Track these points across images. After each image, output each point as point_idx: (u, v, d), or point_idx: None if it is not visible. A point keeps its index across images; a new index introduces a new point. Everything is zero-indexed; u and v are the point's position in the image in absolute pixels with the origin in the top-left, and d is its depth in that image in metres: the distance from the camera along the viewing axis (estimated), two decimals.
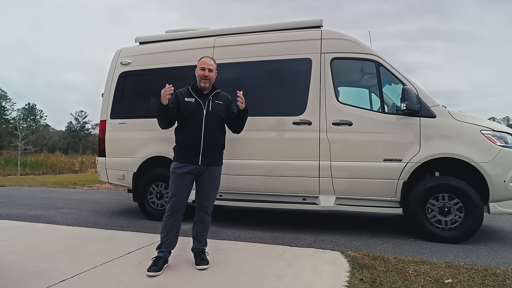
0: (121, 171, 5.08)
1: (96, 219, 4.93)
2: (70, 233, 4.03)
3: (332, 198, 4.27)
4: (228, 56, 4.82)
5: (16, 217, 4.98)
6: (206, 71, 2.94)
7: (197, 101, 2.93)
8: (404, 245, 3.78)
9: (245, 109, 3.05)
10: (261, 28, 4.93)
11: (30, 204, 6.33)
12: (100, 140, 5.25)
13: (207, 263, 2.86)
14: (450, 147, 3.89)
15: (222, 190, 4.65)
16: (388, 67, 4.21)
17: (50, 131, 69.76)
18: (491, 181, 3.75)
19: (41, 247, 3.36)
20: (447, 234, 3.85)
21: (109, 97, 5.29)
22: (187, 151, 2.87)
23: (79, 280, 2.52)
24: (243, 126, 3.22)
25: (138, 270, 2.73)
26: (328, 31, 4.55)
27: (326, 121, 4.28)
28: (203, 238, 3.00)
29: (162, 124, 2.99)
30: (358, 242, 3.89)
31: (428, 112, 4.01)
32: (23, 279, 2.51)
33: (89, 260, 2.94)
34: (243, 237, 3.96)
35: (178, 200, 2.84)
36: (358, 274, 2.74)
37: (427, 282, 2.61)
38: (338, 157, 4.22)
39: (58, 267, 2.78)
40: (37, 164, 19.56)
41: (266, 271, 2.78)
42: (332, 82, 4.35)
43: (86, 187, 9.75)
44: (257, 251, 3.38)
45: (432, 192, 3.92)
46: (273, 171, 4.43)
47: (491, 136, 3.84)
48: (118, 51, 5.49)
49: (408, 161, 3.99)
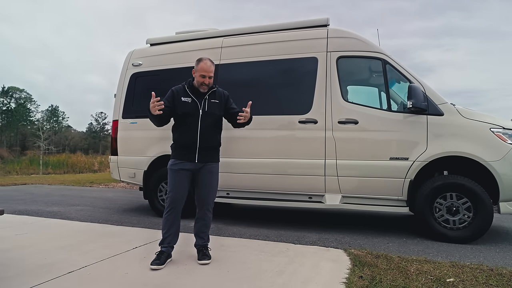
0: (132, 169, 5.23)
1: (108, 216, 5.10)
2: (83, 228, 4.19)
3: (338, 197, 4.26)
4: (236, 56, 4.89)
5: (34, 213, 5.20)
6: (206, 79, 2.92)
7: (194, 101, 2.95)
8: (410, 245, 3.73)
9: (248, 121, 3.01)
10: (268, 28, 4.97)
11: (48, 201, 6.60)
12: (113, 139, 5.43)
13: (209, 258, 2.92)
14: (458, 146, 3.81)
15: (229, 189, 4.76)
16: (395, 65, 4.17)
17: (71, 132, 71.92)
18: (501, 180, 3.66)
19: (54, 241, 3.51)
20: (455, 234, 3.78)
21: (121, 97, 5.46)
22: (184, 149, 2.93)
23: (86, 272, 2.63)
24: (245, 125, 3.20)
25: (143, 264, 2.83)
26: (334, 29, 4.55)
27: (332, 120, 4.28)
28: (205, 234, 3.07)
29: (155, 124, 2.99)
30: (363, 240, 3.87)
31: (436, 110, 3.95)
32: (34, 270, 2.65)
33: (97, 254, 3.06)
34: (249, 235, 4.01)
35: (176, 196, 2.90)
36: (358, 272, 2.74)
37: (428, 281, 2.58)
38: (344, 155, 4.21)
39: (68, 259, 2.90)
40: (59, 163, 20.26)
41: (267, 267, 2.82)
42: (338, 80, 4.35)
43: (102, 186, 10.05)
44: (260, 248, 3.42)
45: (440, 191, 3.86)
46: (279, 169, 4.46)
47: (501, 134, 3.74)
48: (130, 52, 5.65)
49: (414, 160, 3.94)
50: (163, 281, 2.50)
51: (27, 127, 61.07)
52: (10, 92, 67.70)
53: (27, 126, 62.09)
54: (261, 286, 2.44)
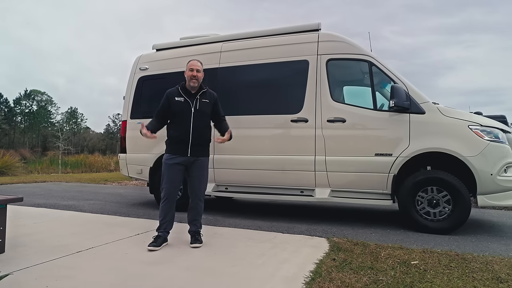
0: (139, 166, 5.65)
1: (117, 209, 5.53)
2: (93, 219, 4.62)
3: (327, 191, 4.54)
4: (234, 60, 5.24)
5: (51, 206, 5.69)
6: (194, 72, 3.33)
7: (186, 100, 3.34)
8: (393, 235, 3.98)
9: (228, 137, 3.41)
10: (264, 33, 5.30)
11: (64, 196, 7.12)
12: (122, 138, 5.87)
13: (200, 243, 3.28)
14: (438, 142, 4.04)
15: (228, 183, 5.11)
16: (380, 67, 4.43)
17: (90, 133, 74.12)
18: (478, 174, 3.87)
19: (67, 228, 3.95)
20: (435, 225, 4.01)
21: (130, 99, 5.90)
22: (177, 144, 3.31)
23: (92, 252, 3.03)
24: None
25: (141, 246, 3.20)
26: (325, 34, 4.83)
27: (322, 119, 4.57)
28: (197, 221, 3.42)
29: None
30: (348, 231, 4.14)
31: (418, 108, 4.18)
32: (49, 249, 3.06)
33: (103, 239, 3.46)
34: (243, 225, 4.34)
35: (170, 188, 3.28)
36: (333, 255, 3.03)
37: (395, 263, 2.85)
38: (333, 152, 4.49)
39: (77, 243, 3.31)
40: (77, 163, 21.14)
41: (251, 251, 3.15)
42: (328, 81, 4.63)
43: (116, 184, 10.58)
44: (250, 236, 3.75)
45: (421, 185, 4.09)
46: (273, 165, 4.77)
47: (479, 131, 3.95)
48: (137, 58, 6.08)
49: (398, 156, 4.19)
50: (157, 258, 2.87)
51: (48, 128, 63.36)
52: (32, 95, 70.46)
53: (48, 128, 64.43)
54: (241, 264, 2.77)
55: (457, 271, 2.66)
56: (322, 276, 2.50)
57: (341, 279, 2.44)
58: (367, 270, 2.67)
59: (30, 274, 2.43)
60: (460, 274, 2.58)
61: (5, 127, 62.86)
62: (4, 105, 66.48)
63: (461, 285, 2.38)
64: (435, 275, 2.56)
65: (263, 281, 2.40)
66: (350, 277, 2.50)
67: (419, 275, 2.56)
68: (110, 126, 77.43)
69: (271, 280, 2.43)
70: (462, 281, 2.46)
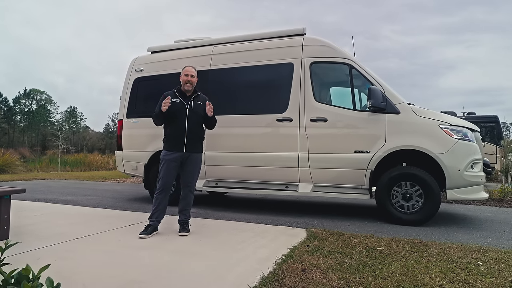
0: (134, 162, 5.94)
1: (113, 203, 5.83)
2: (90, 212, 4.92)
3: (310, 186, 4.84)
4: (224, 62, 5.54)
5: (51, 200, 5.99)
6: (189, 77, 3.70)
7: (181, 101, 3.67)
8: (369, 226, 4.28)
9: (212, 116, 3.80)
10: (253, 37, 5.59)
11: (63, 192, 7.41)
12: (118, 137, 6.16)
13: (188, 231, 3.58)
14: (411, 140, 4.34)
15: (218, 179, 5.41)
16: (360, 70, 4.72)
17: (89, 133, 74.37)
18: (447, 170, 4.18)
19: (65, 219, 4.25)
20: (408, 217, 4.31)
21: (126, 99, 6.19)
22: (174, 141, 3.63)
23: (88, 239, 3.33)
24: (214, 126, 3.93)
25: (134, 235, 3.50)
26: (309, 38, 5.13)
27: (305, 118, 4.87)
28: (187, 211, 3.73)
29: (158, 122, 3.79)
30: (328, 223, 4.44)
31: (393, 109, 4.48)
32: (49, 236, 3.36)
33: (98, 228, 3.76)
34: (230, 218, 4.64)
35: (166, 181, 3.62)
36: (308, 242, 3.33)
37: (362, 249, 3.15)
38: (315, 149, 4.79)
39: (75, 231, 3.61)
40: (76, 162, 21.42)
41: (233, 239, 3.45)
42: (311, 83, 4.93)
43: (113, 181, 10.88)
44: (235, 227, 4.05)
45: (396, 180, 4.40)
46: (260, 162, 5.07)
47: (448, 130, 4.25)
48: (133, 59, 6.37)
49: (375, 153, 4.49)
50: (147, 244, 3.17)
51: (47, 127, 63.60)
52: (32, 94, 70.68)
53: (47, 127, 64.67)
54: (223, 248, 3.07)
55: (415, 255, 2.96)
56: (293, 258, 2.80)
57: (310, 261, 2.74)
58: (336, 254, 2.97)
59: (32, 256, 2.73)
60: (418, 257, 2.88)
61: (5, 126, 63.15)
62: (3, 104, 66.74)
63: (415, 265, 2.68)
64: (395, 258, 2.86)
65: (239, 261, 2.71)
66: (318, 259, 2.80)
67: (381, 258, 2.86)
68: (109, 125, 77.68)
69: (246, 260, 2.74)
70: (417, 262, 2.76)
